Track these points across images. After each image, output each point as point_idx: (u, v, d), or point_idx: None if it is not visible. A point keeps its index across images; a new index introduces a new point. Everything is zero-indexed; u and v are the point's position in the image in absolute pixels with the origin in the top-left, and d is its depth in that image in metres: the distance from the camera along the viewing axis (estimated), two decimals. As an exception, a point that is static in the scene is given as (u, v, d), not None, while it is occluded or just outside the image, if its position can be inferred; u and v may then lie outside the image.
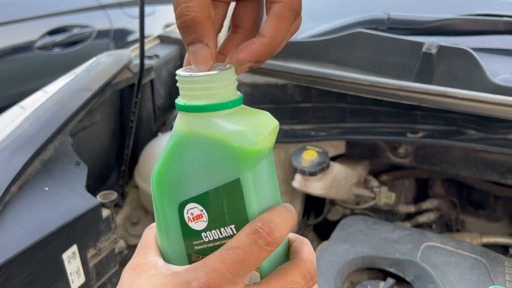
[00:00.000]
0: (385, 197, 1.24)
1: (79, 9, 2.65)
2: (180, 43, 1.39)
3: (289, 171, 1.23)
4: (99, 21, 2.72)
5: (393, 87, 1.02)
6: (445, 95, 0.98)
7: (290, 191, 1.26)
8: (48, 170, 0.86)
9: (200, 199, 0.34)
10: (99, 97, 1.08)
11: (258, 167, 0.34)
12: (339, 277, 0.88)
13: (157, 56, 1.32)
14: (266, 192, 0.35)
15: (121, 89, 1.21)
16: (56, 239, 0.76)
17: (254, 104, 1.20)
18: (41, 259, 0.74)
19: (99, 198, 0.86)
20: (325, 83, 1.08)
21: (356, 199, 1.28)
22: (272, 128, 0.34)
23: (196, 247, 0.35)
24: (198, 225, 0.35)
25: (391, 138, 1.11)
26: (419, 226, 1.25)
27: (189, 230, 0.35)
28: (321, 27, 1.29)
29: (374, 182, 1.25)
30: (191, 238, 0.35)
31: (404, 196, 1.32)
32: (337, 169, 1.17)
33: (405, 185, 1.33)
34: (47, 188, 0.83)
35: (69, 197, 0.82)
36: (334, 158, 1.24)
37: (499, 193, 1.24)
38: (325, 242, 1.03)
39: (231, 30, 0.38)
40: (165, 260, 0.37)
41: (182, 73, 0.33)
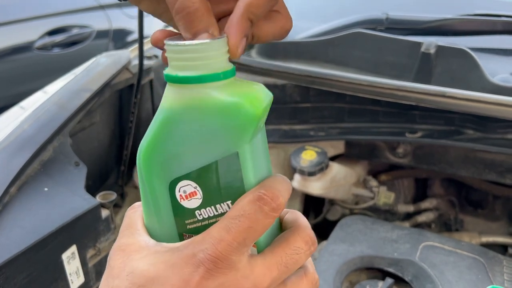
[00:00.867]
0: (384, 197, 1.24)
1: (79, 9, 2.65)
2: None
3: (288, 171, 1.23)
4: (99, 21, 2.73)
5: (392, 87, 1.02)
6: (444, 95, 0.98)
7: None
8: (48, 171, 0.87)
9: (194, 176, 0.33)
10: (99, 98, 1.08)
11: (255, 140, 0.33)
12: (338, 277, 0.88)
13: (156, 57, 1.32)
14: (262, 165, 0.34)
15: (120, 90, 1.21)
16: (56, 240, 0.76)
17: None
18: (41, 260, 0.74)
19: (99, 199, 0.86)
20: (324, 83, 1.08)
21: (355, 199, 1.28)
22: (268, 100, 0.33)
23: (189, 226, 0.34)
24: (192, 203, 0.33)
25: (390, 138, 1.11)
26: (418, 226, 1.25)
27: (181, 209, 0.33)
28: (320, 27, 1.30)
29: (373, 182, 1.25)
30: (184, 217, 0.34)
31: (403, 196, 1.32)
32: (336, 169, 1.17)
33: (404, 185, 1.33)
34: (47, 189, 0.83)
35: (69, 198, 0.83)
36: (333, 158, 1.24)
37: (498, 193, 1.24)
38: (324, 242, 1.03)
39: None
40: (153, 237, 0.35)
41: (174, 42, 0.31)
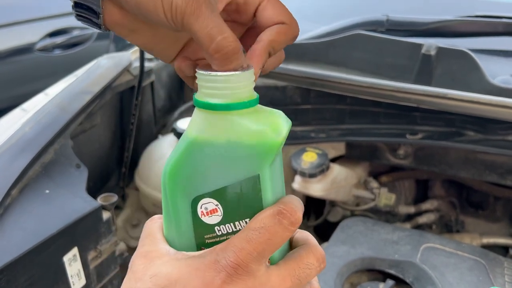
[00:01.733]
0: (385, 198, 1.25)
1: (80, 11, 2.65)
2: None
3: (289, 173, 1.23)
4: (100, 23, 2.73)
5: (393, 89, 1.02)
6: (444, 97, 0.98)
7: (290, 193, 1.27)
8: (49, 173, 0.87)
9: (216, 194, 0.35)
10: (100, 100, 1.08)
11: (274, 163, 0.36)
12: (339, 279, 0.88)
13: (157, 59, 1.32)
14: (279, 185, 0.37)
15: (121, 92, 1.21)
16: (57, 242, 0.76)
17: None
18: (42, 262, 0.74)
19: (100, 201, 0.86)
20: (325, 85, 1.09)
21: (356, 200, 1.28)
22: (288, 128, 0.36)
23: (208, 240, 0.36)
24: (212, 219, 0.36)
25: (391, 140, 1.11)
26: (419, 227, 1.26)
27: (202, 224, 0.36)
28: (321, 29, 1.30)
29: (374, 183, 1.25)
30: (203, 232, 0.36)
31: (404, 197, 1.32)
32: (337, 171, 1.17)
33: (405, 186, 1.33)
34: (48, 191, 0.83)
35: (70, 200, 0.83)
36: (334, 160, 1.24)
37: (499, 194, 1.24)
38: (325, 244, 1.03)
39: None
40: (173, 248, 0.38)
41: (206, 72, 0.34)
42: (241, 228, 0.35)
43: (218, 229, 0.36)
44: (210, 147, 0.35)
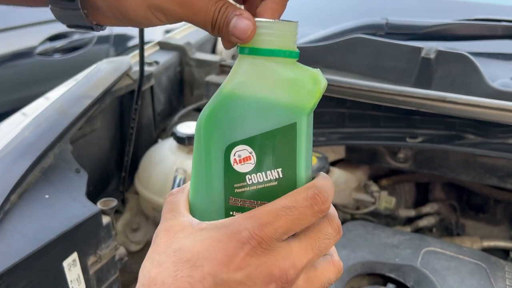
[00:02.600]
0: (385, 202, 1.24)
1: (79, 15, 2.66)
2: (179, 50, 1.40)
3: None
4: (99, 27, 2.73)
5: (392, 92, 1.02)
6: (444, 100, 0.98)
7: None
8: (48, 178, 0.87)
9: (252, 141, 0.35)
10: (99, 104, 1.08)
11: (310, 115, 0.36)
12: (339, 283, 0.88)
13: (157, 63, 1.33)
14: (310, 140, 0.37)
15: (121, 96, 1.21)
16: (57, 247, 0.76)
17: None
18: (42, 267, 0.74)
19: (99, 205, 0.86)
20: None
21: (356, 204, 1.28)
22: (325, 84, 0.37)
23: (237, 190, 0.36)
24: (244, 167, 0.36)
25: (391, 143, 1.11)
26: (420, 230, 1.25)
27: (233, 172, 0.36)
28: (320, 33, 1.30)
29: (374, 187, 1.25)
30: (234, 181, 0.36)
31: (404, 201, 1.32)
32: (337, 174, 1.17)
33: (405, 190, 1.33)
34: (47, 196, 0.83)
35: (69, 205, 0.83)
36: (334, 163, 1.24)
37: (499, 197, 1.24)
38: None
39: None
40: (198, 214, 0.37)
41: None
42: (272, 178, 0.36)
43: (249, 178, 0.36)
44: (250, 94, 0.35)
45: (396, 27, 1.20)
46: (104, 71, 1.15)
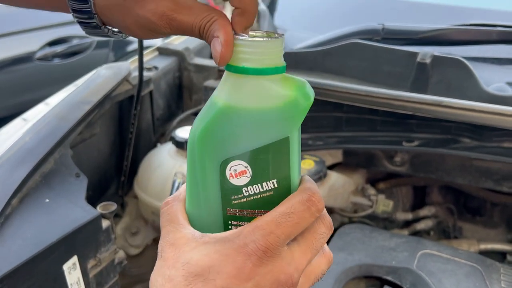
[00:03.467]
0: (383, 205, 1.25)
1: (79, 20, 2.67)
2: (178, 55, 1.41)
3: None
4: (99, 32, 2.74)
5: (389, 97, 1.03)
6: (440, 105, 0.99)
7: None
8: (49, 182, 0.88)
9: (247, 156, 0.36)
10: (99, 110, 1.09)
11: (299, 128, 0.38)
12: (337, 286, 0.89)
13: (156, 68, 1.34)
14: (299, 148, 0.39)
15: (120, 101, 1.22)
16: (57, 251, 0.77)
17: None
18: (42, 271, 0.75)
19: (99, 209, 0.87)
20: (322, 93, 1.10)
21: (354, 207, 1.29)
22: (313, 96, 0.38)
23: (234, 202, 0.38)
24: (240, 181, 0.37)
25: (387, 147, 1.12)
26: (417, 234, 1.26)
27: (230, 186, 0.37)
28: (317, 38, 1.31)
29: (372, 190, 1.26)
30: (231, 193, 0.37)
31: (402, 204, 1.33)
32: (335, 178, 1.18)
33: (403, 193, 1.34)
34: (48, 200, 0.84)
35: (69, 209, 0.83)
36: (332, 167, 1.25)
37: (496, 200, 1.25)
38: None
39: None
40: (197, 224, 0.39)
41: (243, 37, 0.36)
42: (268, 189, 0.37)
43: (246, 190, 0.37)
44: (242, 111, 0.36)
45: (392, 32, 1.21)
46: (104, 77, 1.16)
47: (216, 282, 0.34)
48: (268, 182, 0.37)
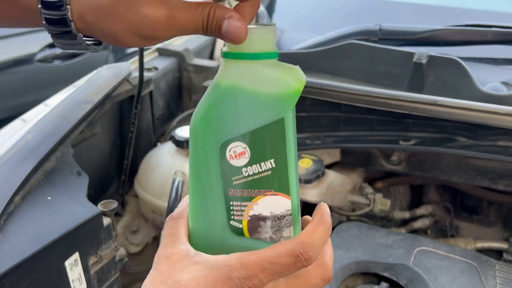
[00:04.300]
0: (380, 204, 1.26)
1: (79, 22, 2.68)
2: (178, 56, 1.43)
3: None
4: (99, 34, 2.75)
5: (386, 97, 1.05)
6: (436, 104, 1.01)
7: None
8: (51, 180, 0.89)
9: (245, 138, 0.39)
10: (100, 109, 1.10)
11: (293, 109, 0.40)
12: (335, 282, 0.90)
13: (156, 68, 1.35)
14: (295, 131, 0.41)
15: (121, 101, 1.24)
16: (59, 247, 0.78)
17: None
18: (44, 267, 0.76)
19: (100, 207, 0.88)
20: (320, 93, 1.11)
21: (352, 206, 1.30)
22: (305, 80, 0.41)
23: (235, 182, 0.40)
24: (240, 162, 0.39)
25: (384, 146, 1.14)
26: (414, 232, 1.27)
27: (230, 167, 0.40)
28: (315, 39, 1.33)
29: (369, 189, 1.27)
30: (231, 174, 0.40)
31: (399, 203, 1.34)
32: (333, 177, 1.19)
33: (400, 192, 1.35)
34: (50, 198, 0.85)
35: (71, 206, 0.85)
36: (329, 166, 1.26)
37: (492, 199, 1.26)
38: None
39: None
40: (200, 211, 0.41)
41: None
42: (267, 168, 0.39)
43: (245, 170, 0.40)
44: (239, 95, 0.38)
45: (389, 33, 1.23)
46: (104, 77, 1.18)
47: None
48: (266, 162, 0.39)
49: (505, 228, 1.29)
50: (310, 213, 1.37)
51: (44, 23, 0.38)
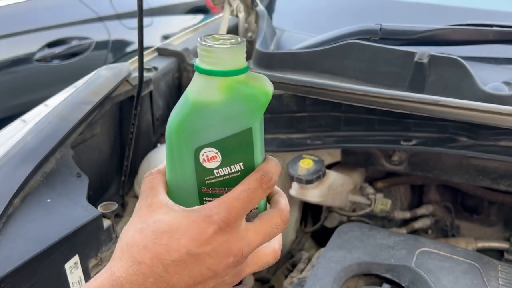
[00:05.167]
0: (381, 204, 1.26)
1: (78, 21, 2.68)
2: (178, 56, 1.42)
3: (286, 180, 1.25)
4: (98, 33, 2.75)
5: (386, 96, 1.04)
6: (437, 104, 1.00)
7: (288, 199, 1.28)
8: (50, 182, 0.88)
9: (216, 144, 0.43)
10: (99, 110, 1.10)
11: (261, 119, 0.45)
12: (336, 284, 0.89)
13: (156, 69, 1.34)
14: (262, 135, 0.46)
15: (121, 102, 1.23)
16: (58, 250, 0.78)
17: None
18: (44, 270, 0.76)
19: (100, 209, 0.88)
20: (320, 93, 1.11)
21: (353, 206, 1.30)
22: (272, 90, 0.44)
23: (207, 181, 0.44)
24: (212, 164, 0.44)
25: (385, 146, 1.13)
26: (415, 232, 1.27)
27: (203, 168, 0.44)
28: (315, 38, 1.32)
29: (370, 189, 1.26)
30: (204, 175, 0.44)
31: (400, 203, 1.34)
32: (333, 177, 1.19)
33: (401, 192, 1.35)
34: (49, 200, 0.85)
35: (71, 209, 0.84)
36: (330, 166, 1.26)
37: (493, 199, 1.26)
38: (322, 249, 1.04)
39: None
40: (175, 199, 0.44)
41: (209, 43, 0.42)
42: (236, 170, 0.44)
43: (217, 172, 0.44)
44: (211, 107, 0.42)
45: (390, 33, 1.22)
46: (104, 77, 1.17)
47: (180, 241, 0.40)
48: (236, 165, 0.44)
49: (506, 228, 1.29)
50: (311, 214, 1.35)
51: None
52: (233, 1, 1.43)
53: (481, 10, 1.37)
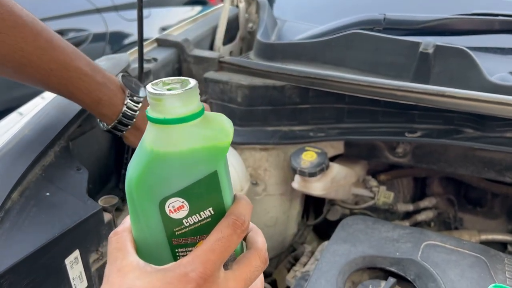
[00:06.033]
0: (384, 197, 1.25)
1: (75, 13, 2.65)
2: (178, 46, 1.40)
3: (288, 172, 1.23)
4: (95, 25, 2.72)
5: (391, 87, 1.03)
6: (442, 95, 0.99)
7: (290, 192, 1.27)
8: (49, 176, 0.86)
9: (182, 193, 0.40)
10: (98, 102, 1.08)
11: (225, 160, 0.42)
12: (341, 277, 0.88)
13: (155, 60, 1.32)
14: (228, 175, 0.43)
15: (120, 93, 1.21)
16: (59, 245, 0.76)
17: (253, 106, 1.20)
18: (44, 265, 0.74)
19: (101, 203, 0.86)
20: (323, 84, 1.09)
21: (355, 199, 1.29)
22: (232, 129, 0.42)
23: (178, 232, 0.41)
24: (180, 214, 0.41)
25: (389, 138, 1.12)
26: (418, 225, 1.26)
27: (171, 220, 0.41)
28: (318, 28, 1.30)
29: (373, 182, 1.25)
30: (173, 226, 0.41)
31: (403, 195, 1.33)
32: (337, 170, 1.17)
33: (403, 184, 1.34)
34: (48, 194, 0.83)
35: (71, 203, 0.82)
36: (333, 159, 1.25)
37: (497, 191, 1.25)
38: (326, 242, 1.03)
39: None
40: (145, 257, 0.41)
41: (159, 91, 0.38)
42: (206, 216, 0.41)
43: (186, 221, 0.41)
44: (171, 156, 0.39)
45: (394, 22, 1.20)
46: (103, 68, 1.15)
47: None
48: (205, 211, 0.41)
49: (510, 220, 1.28)
50: (313, 206, 1.34)
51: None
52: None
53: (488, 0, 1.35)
